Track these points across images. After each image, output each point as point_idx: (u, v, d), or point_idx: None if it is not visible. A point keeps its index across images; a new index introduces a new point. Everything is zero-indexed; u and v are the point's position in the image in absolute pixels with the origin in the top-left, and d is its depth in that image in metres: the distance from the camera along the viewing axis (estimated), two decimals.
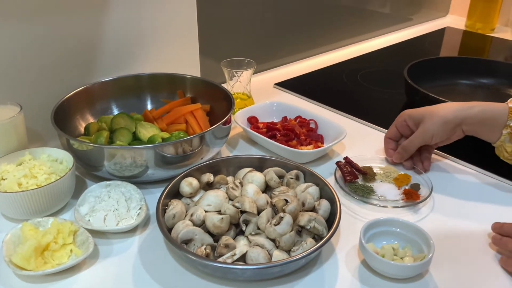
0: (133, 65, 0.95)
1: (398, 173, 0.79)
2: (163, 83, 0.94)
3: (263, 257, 0.58)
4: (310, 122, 0.92)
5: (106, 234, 0.66)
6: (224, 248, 0.60)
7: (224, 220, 0.63)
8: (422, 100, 0.96)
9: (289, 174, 0.73)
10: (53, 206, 0.68)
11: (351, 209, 0.73)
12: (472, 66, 1.14)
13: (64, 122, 0.79)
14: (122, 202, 0.69)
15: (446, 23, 1.72)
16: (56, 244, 0.61)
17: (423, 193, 0.74)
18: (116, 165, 0.71)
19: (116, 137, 0.81)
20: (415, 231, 0.63)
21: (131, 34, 0.92)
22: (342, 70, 1.27)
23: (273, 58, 1.28)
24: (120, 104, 0.92)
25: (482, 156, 0.87)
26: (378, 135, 0.95)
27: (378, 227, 0.64)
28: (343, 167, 0.78)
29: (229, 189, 0.70)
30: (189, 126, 0.89)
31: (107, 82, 0.90)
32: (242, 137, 0.94)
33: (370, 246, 0.61)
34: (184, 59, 1.04)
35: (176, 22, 0.99)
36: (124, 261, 0.62)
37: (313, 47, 1.37)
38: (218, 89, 0.90)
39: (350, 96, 1.13)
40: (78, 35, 0.85)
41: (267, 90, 1.15)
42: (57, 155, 0.74)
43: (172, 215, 0.64)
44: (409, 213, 0.72)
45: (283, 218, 0.61)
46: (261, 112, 0.96)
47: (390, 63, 1.35)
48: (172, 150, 0.72)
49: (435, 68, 1.13)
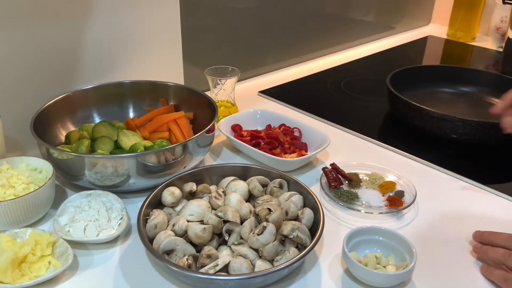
0: (115, 72, 0.94)
1: (384, 180, 0.80)
2: (146, 90, 0.93)
3: (245, 267, 0.57)
4: (294, 130, 0.92)
5: (86, 245, 0.65)
6: (206, 258, 0.59)
7: (206, 230, 0.62)
8: (404, 107, 0.98)
9: (273, 182, 0.73)
10: (32, 217, 0.67)
11: (336, 215, 0.73)
12: (453, 74, 1.15)
13: (44, 130, 0.78)
14: (103, 212, 0.67)
15: (428, 32, 1.74)
16: (34, 255, 0.59)
17: (407, 200, 0.75)
18: (97, 174, 0.70)
19: (98, 146, 0.80)
20: (398, 239, 0.63)
21: (113, 42, 0.92)
22: (326, 78, 1.27)
23: (257, 66, 1.28)
24: (102, 112, 0.91)
25: (466, 164, 0.88)
26: (361, 143, 0.96)
27: (361, 235, 0.64)
28: (329, 173, 0.78)
29: (212, 198, 0.69)
30: (172, 135, 0.88)
31: (88, 90, 0.88)
32: (226, 145, 0.93)
33: (353, 255, 0.61)
34: (168, 66, 1.04)
35: (159, 29, 0.98)
36: (105, 273, 0.61)
37: (297, 55, 1.38)
38: (202, 97, 0.89)
39: (334, 104, 1.14)
40: (59, 43, 0.84)
41: (251, 98, 1.15)
42: (36, 164, 0.73)
43: (154, 225, 0.63)
44: (393, 219, 0.73)
45: (266, 228, 0.60)
46: (245, 120, 0.96)
47: (373, 72, 1.36)
48: (154, 159, 0.71)
49: (417, 76, 1.14)
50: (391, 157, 0.91)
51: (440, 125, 0.92)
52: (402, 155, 0.91)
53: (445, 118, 0.90)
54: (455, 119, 0.89)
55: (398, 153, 0.92)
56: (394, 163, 0.87)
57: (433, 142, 0.94)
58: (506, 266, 0.60)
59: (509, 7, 1.46)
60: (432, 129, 0.93)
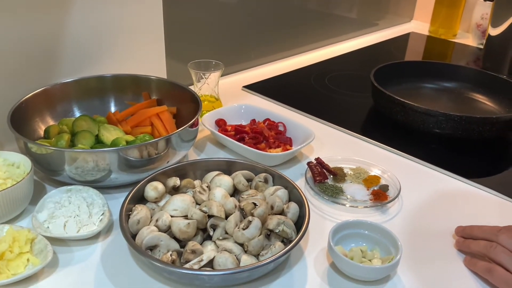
0: (96, 66, 0.92)
1: (368, 174, 0.80)
2: (128, 84, 0.91)
3: (231, 262, 0.57)
4: (279, 124, 0.92)
5: (66, 241, 0.63)
6: (190, 253, 0.58)
7: (190, 225, 0.61)
8: (388, 102, 0.98)
9: (258, 177, 0.72)
10: (9, 213, 0.65)
11: (320, 209, 0.73)
12: (436, 70, 1.16)
13: (22, 125, 0.75)
14: (83, 208, 0.66)
15: (411, 29, 1.75)
16: (12, 253, 0.57)
17: (391, 194, 0.75)
18: (77, 169, 0.68)
19: (78, 140, 0.78)
20: (383, 233, 0.63)
21: (95, 34, 0.89)
22: (310, 73, 1.27)
23: (241, 60, 1.27)
24: (82, 106, 0.89)
25: (449, 158, 0.88)
26: (346, 137, 0.96)
27: (347, 229, 0.64)
28: (314, 168, 0.78)
29: (196, 193, 0.68)
30: (154, 129, 0.86)
31: (68, 83, 0.86)
32: (209, 140, 0.92)
33: (339, 249, 0.61)
34: (150, 60, 1.02)
35: (141, 22, 0.96)
36: (86, 270, 0.60)
37: (281, 50, 1.37)
38: (185, 91, 0.88)
39: (318, 99, 1.14)
40: (38, 34, 0.81)
41: (235, 93, 1.14)
42: (13, 159, 0.70)
43: (137, 221, 0.62)
44: (377, 213, 0.73)
45: (251, 222, 0.59)
46: (229, 115, 0.95)
47: (357, 67, 1.36)
48: (136, 154, 0.70)
49: (400, 71, 1.14)
50: (375, 151, 0.91)
51: (424, 120, 0.92)
52: (386, 149, 0.91)
53: (429, 113, 0.91)
54: (438, 113, 0.90)
55: (382, 147, 0.92)
56: (378, 158, 0.87)
57: (416, 137, 0.95)
58: (489, 258, 0.60)
59: (489, 4, 1.47)
60: (415, 123, 0.93)
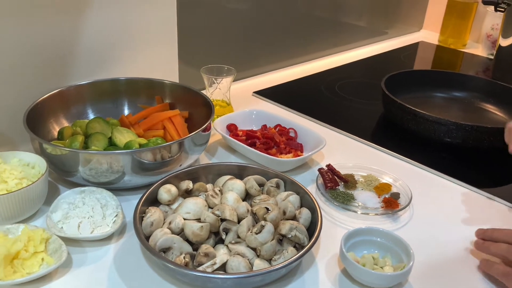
0: (111, 69, 0.93)
1: (380, 182, 0.80)
2: (141, 88, 0.92)
3: (243, 266, 0.57)
4: (290, 130, 0.92)
5: (80, 242, 0.64)
6: (203, 256, 0.58)
7: (203, 228, 0.61)
8: (399, 110, 0.98)
9: (270, 182, 0.72)
10: (24, 213, 0.65)
11: (331, 215, 0.73)
12: (446, 79, 1.16)
13: (37, 125, 0.76)
14: (97, 209, 0.66)
15: (420, 38, 1.76)
16: (27, 252, 0.58)
17: (402, 202, 0.75)
18: (91, 171, 0.69)
19: (91, 142, 0.79)
20: (395, 240, 0.63)
21: (110, 38, 0.90)
22: (321, 81, 1.27)
23: (252, 66, 1.28)
24: (96, 109, 0.90)
25: (460, 167, 0.88)
26: (356, 145, 0.96)
27: (359, 236, 0.64)
28: (325, 174, 0.78)
29: (208, 197, 0.68)
30: (167, 133, 0.87)
31: (83, 86, 0.87)
32: (221, 145, 0.92)
33: (351, 255, 0.61)
34: (163, 64, 1.03)
35: (156, 27, 0.97)
36: (99, 270, 0.60)
37: (291, 57, 1.38)
38: (198, 96, 0.89)
39: (328, 106, 1.14)
40: (54, 37, 0.82)
41: (246, 98, 1.15)
42: (29, 160, 0.71)
43: (150, 223, 0.62)
44: (389, 221, 0.73)
45: (264, 227, 0.60)
46: (240, 120, 0.95)
47: (367, 75, 1.37)
48: (150, 156, 0.70)
49: (411, 80, 1.15)
50: (386, 159, 0.91)
51: (435, 129, 0.92)
52: (396, 157, 0.92)
53: (440, 122, 0.91)
54: (450, 123, 0.90)
55: (392, 155, 0.92)
56: (388, 165, 0.88)
57: (426, 145, 0.95)
58: (509, 261, 0.60)
59: (500, 15, 1.47)
60: (426, 132, 0.94)
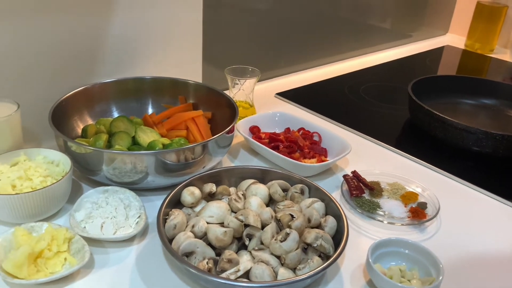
0: (134, 67, 0.93)
1: (406, 190, 0.78)
2: (166, 87, 0.92)
3: (268, 275, 0.56)
4: (314, 134, 0.91)
5: (102, 242, 0.64)
6: (227, 263, 0.57)
7: (227, 233, 0.60)
8: (426, 117, 0.96)
9: (294, 188, 0.71)
10: (48, 211, 0.65)
11: (356, 224, 0.72)
12: (475, 86, 1.13)
13: (61, 122, 0.76)
14: (120, 210, 0.66)
15: (446, 42, 1.72)
16: (50, 251, 0.58)
17: (429, 212, 0.73)
18: (115, 170, 0.69)
19: (115, 141, 0.78)
20: (424, 253, 0.61)
21: (135, 36, 0.90)
22: (344, 83, 1.25)
23: (275, 67, 1.27)
24: (120, 107, 0.89)
25: (488, 177, 0.86)
26: (381, 150, 0.94)
27: (386, 247, 0.62)
28: (350, 181, 0.76)
29: (231, 201, 0.67)
30: (189, 133, 0.86)
31: (107, 84, 0.87)
32: (243, 147, 0.91)
33: (377, 267, 0.59)
34: (187, 64, 1.02)
35: (181, 26, 0.97)
36: (121, 272, 0.59)
37: (315, 58, 1.36)
38: (221, 96, 0.88)
39: (352, 109, 1.12)
40: (80, 35, 0.82)
41: (268, 100, 1.13)
42: (53, 157, 0.71)
43: (173, 226, 0.62)
44: (415, 231, 0.71)
45: (289, 235, 0.58)
46: (263, 122, 0.94)
47: (391, 78, 1.34)
48: (174, 157, 0.70)
49: (438, 85, 1.12)
50: (411, 166, 0.89)
51: (463, 137, 0.90)
52: (422, 164, 0.89)
53: (469, 130, 0.89)
54: (479, 131, 0.88)
55: (418, 162, 0.90)
56: (414, 173, 0.86)
57: (454, 153, 0.93)
58: None
59: None
60: (454, 140, 0.91)
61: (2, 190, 0.63)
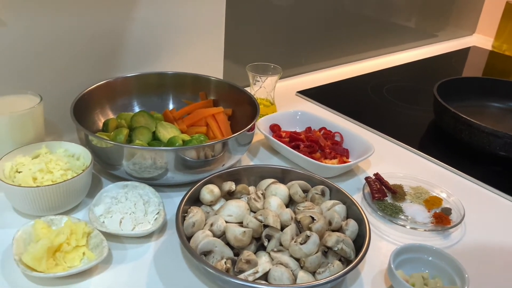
0: (156, 62, 0.92)
1: (430, 194, 0.76)
2: (187, 83, 0.91)
3: (287, 278, 0.55)
4: (335, 134, 0.89)
5: (120, 238, 0.63)
6: (245, 263, 0.57)
7: (246, 233, 0.59)
8: (451, 119, 0.93)
9: (314, 189, 0.69)
10: (67, 204, 0.65)
11: (378, 228, 0.70)
12: (503, 88, 1.10)
13: (83, 115, 0.76)
14: (139, 206, 0.65)
15: (472, 42, 1.68)
16: (69, 245, 0.58)
17: (454, 218, 0.71)
18: (135, 165, 0.68)
19: (136, 136, 0.78)
20: (448, 261, 0.59)
21: (158, 31, 0.90)
22: (367, 83, 1.23)
23: (296, 65, 1.25)
24: (141, 102, 0.89)
25: None
26: (403, 153, 0.92)
27: (409, 253, 0.60)
28: (372, 183, 0.75)
29: (251, 200, 0.66)
30: (209, 130, 0.86)
31: (129, 78, 0.87)
32: (263, 145, 0.90)
33: (400, 273, 0.58)
34: (208, 60, 1.01)
35: (204, 22, 0.96)
36: (139, 269, 0.59)
37: (336, 56, 1.34)
38: (242, 94, 0.87)
39: (375, 110, 1.10)
40: (104, 28, 0.82)
41: (288, 98, 1.12)
42: (74, 151, 0.71)
43: (192, 223, 0.61)
44: (439, 237, 0.69)
45: (309, 237, 0.57)
46: (284, 120, 0.93)
47: (415, 79, 1.31)
48: (194, 154, 0.69)
49: (464, 87, 1.09)
50: (435, 170, 0.87)
51: (490, 141, 0.87)
52: (446, 168, 0.87)
53: (496, 134, 0.86)
54: (507, 136, 0.85)
55: (442, 166, 0.88)
56: (437, 177, 0.83)
57: (480, 158, 0.90)
58: None
59: None
60: (480, 144, 0.89)
61: (24, 182, 0.63)
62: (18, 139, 0.69)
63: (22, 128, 0.69)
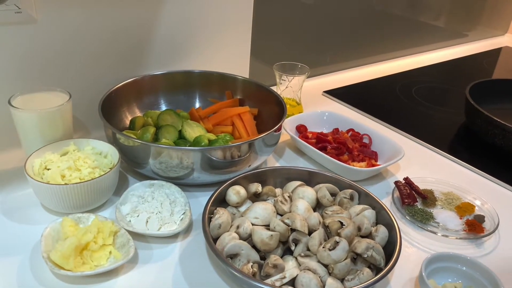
0: (182, 61, 0.92)
1: (462, 201, 0.73)
2: (213, 82, 0.90)
3: (315, 284, 0.53)
4: (364, 136, 0.87)
5: (146, 237, 0.63)
6: (272, 268, 0.56)
7: (273, 237, 0.58)
8: (484, 123, 0.90)
9: (343, 193, 0.68)
10: (95, 202, 0.65)
11: (408, 234, 0.68)
12: None
13: (110, 113, 0.76)
14: (166, 205, 0.65)
15: (504, 43, 1.63)
16: (96, 244, 0.58)
17: (487, 226, 0.68)
18: (161, 164, 0.68)
19: (162, 134, 0.78)
20: (483, 271, 0.57)
21: (185, 29, 0.89)
22: (395, 83, 1.21)
23: (323, 64, 1.23)
24: (168, 100, 0.89)
25: None
26: (433, 156, 0.89)
27: (441, 262, 0.58)
28: (402, 188, 0.73)
29: (277, 203, 0.65)
30: (235, 129, 0.85)
31: (156, 76, 0.87)
32: (289, 146, 0.89)
33: (431, 283, 0.56)
34: (235, 59, 1.00)
35: (231, 20, 0.95)
36: (164, 270, 0.59)
37: (364, 56, 1.31)
38: (269, 93, 0.85)
39: (404, 111, 1.07)
40: (132, 27, 0.82)
41: (314, 98, 1.10)
42: (101, 148, 0.71)
43: (218, 225, 0.60)
44: (471, 246, 0.67)
45: (339, 243, 0.56)
46: (311, 121, 0.91)
47: (445, 80, 1.28)
48: (220, 154, 0.68)
49: (497, 89, 1.06)
50: (466, 175, 0.84)
51: None
52: (478, 173, 0.84)
53: None
54: None
55: (473, 170, 0.85)
56: (469, 182, 0.81)
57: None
58: None
59: None
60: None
61: (52, 180, 0.63)
62: (47, 136, 0.69)
63: (51, 125, 0.69)
